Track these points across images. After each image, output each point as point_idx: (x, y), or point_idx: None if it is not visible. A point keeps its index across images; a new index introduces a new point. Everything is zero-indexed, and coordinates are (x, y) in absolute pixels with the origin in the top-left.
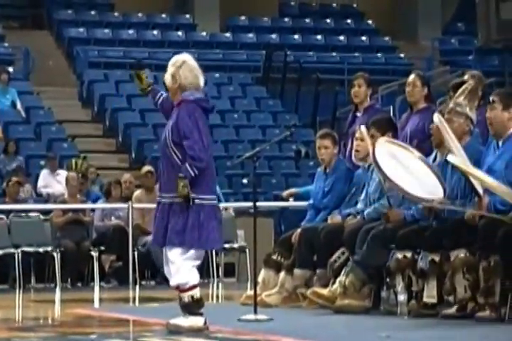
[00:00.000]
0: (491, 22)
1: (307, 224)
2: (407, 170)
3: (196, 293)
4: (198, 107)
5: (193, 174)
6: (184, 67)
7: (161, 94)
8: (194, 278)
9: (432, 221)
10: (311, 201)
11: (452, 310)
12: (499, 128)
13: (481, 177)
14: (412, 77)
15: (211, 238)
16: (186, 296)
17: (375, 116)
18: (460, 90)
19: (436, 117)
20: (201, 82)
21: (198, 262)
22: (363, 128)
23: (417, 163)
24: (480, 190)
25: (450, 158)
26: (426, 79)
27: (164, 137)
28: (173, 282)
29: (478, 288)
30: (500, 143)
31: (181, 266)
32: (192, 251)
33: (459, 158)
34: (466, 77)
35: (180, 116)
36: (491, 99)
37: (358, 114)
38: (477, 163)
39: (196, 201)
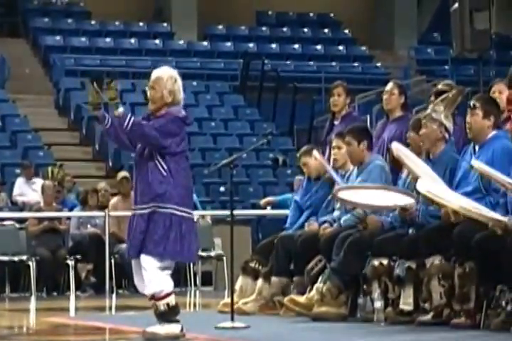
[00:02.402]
0: (465, 31)
1: (290, 225)
2: (374, 198)
3: (171, 300)
4: (183, 125)
5: (125, 122)
6: (177, 83)
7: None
8: (168, 285)
9: (408, 228)
10: (297, 197)
11: (428, 316)
12: (478, 133)
13: (453, 206)
14: (390, 85)
15: (191, 250)
16: (162, 304)
17: (351, 125)
18: (440, 98)
19: (394, 148)
20: None
21: (170, 271)
22: (315, 152)
23: (378, 193)
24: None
25: (419, 187)
26: (403, 88)
27: (141, 148)
28: (148, 291)
29: (453, 294)
30: (477, 147)
31: (155, 275)
32: (166, 261)
33: (427, 184)
34: (440, 86)
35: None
36: (471, 103)
37: (336, 122)
38: (452, 170)
39: (178, 213)
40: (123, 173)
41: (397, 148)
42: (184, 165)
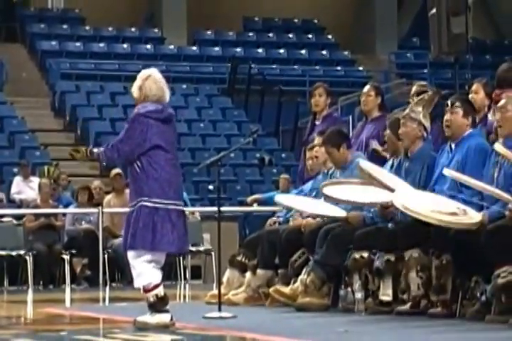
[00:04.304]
0: (442, 35)
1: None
2: (359, 192)
3: (160, 291)
4: (146, 119)
5: (102, 157)
6: (150, 80)
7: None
8: (156, 277)
9: (388, 222)
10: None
11: (406, 306)
12: (456, 131)
13: (430, 220)
14: (366, 87)
15: (165, 241)
16: (151, 296)
17: (327, 132)
18: (418, 98)
19: (363, 167)
20: (166, 94)
21: (156, 264)
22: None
23: (361, 188)
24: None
25: (395, 201)
26: (380, 89)
27: None
28: (136, 284)
29: (430, 285)
30: (453, 145)
31: (141, 269)
32: (148, 254)
33: (402, 196)
34: (415, 87)
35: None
36: (450, 102)
37: (317, 122)
38: (430, 167)
39: (148, 204)
40: (116, 170)
41: (364, 166)
42: (158, 158)
